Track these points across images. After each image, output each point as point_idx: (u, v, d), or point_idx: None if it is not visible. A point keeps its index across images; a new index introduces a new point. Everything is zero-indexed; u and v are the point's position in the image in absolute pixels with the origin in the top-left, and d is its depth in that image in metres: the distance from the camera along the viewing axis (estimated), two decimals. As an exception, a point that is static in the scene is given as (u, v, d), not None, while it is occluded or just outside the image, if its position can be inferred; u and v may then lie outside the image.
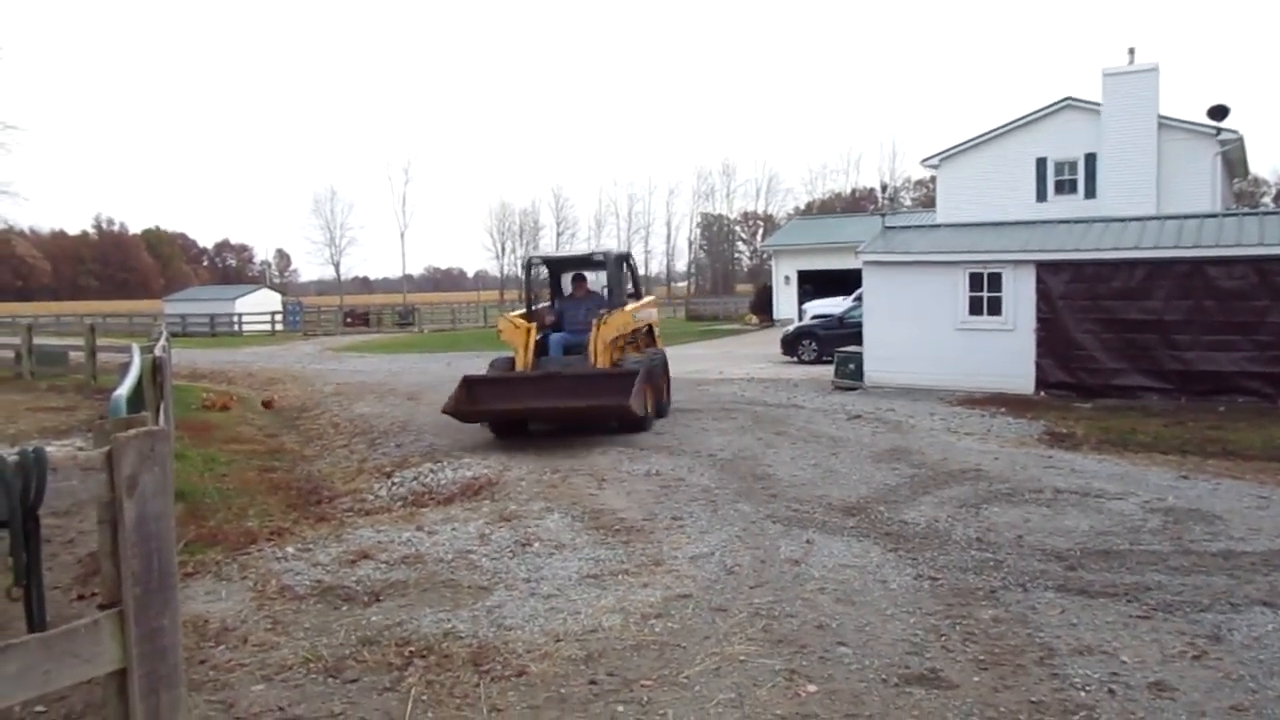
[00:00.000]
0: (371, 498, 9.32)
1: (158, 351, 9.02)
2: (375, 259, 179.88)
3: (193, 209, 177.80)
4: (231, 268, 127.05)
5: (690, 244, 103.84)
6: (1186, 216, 16.02)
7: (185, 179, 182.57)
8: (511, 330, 12.85)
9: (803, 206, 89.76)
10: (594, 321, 12.66)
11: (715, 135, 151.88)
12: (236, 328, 49.54)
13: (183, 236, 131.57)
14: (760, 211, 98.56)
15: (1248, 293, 13.85)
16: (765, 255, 55.53)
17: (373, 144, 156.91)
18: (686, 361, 24.41)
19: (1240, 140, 24.42)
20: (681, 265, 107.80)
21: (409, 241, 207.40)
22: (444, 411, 11.61)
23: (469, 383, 11.97)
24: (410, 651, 5.00)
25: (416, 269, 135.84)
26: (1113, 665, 4.62)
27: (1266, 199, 67.65)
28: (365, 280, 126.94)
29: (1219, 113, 25.07)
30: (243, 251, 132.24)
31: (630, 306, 13.81)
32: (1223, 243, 14.29)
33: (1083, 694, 4.32)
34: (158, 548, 2.54)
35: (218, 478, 9.81)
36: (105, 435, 2.62)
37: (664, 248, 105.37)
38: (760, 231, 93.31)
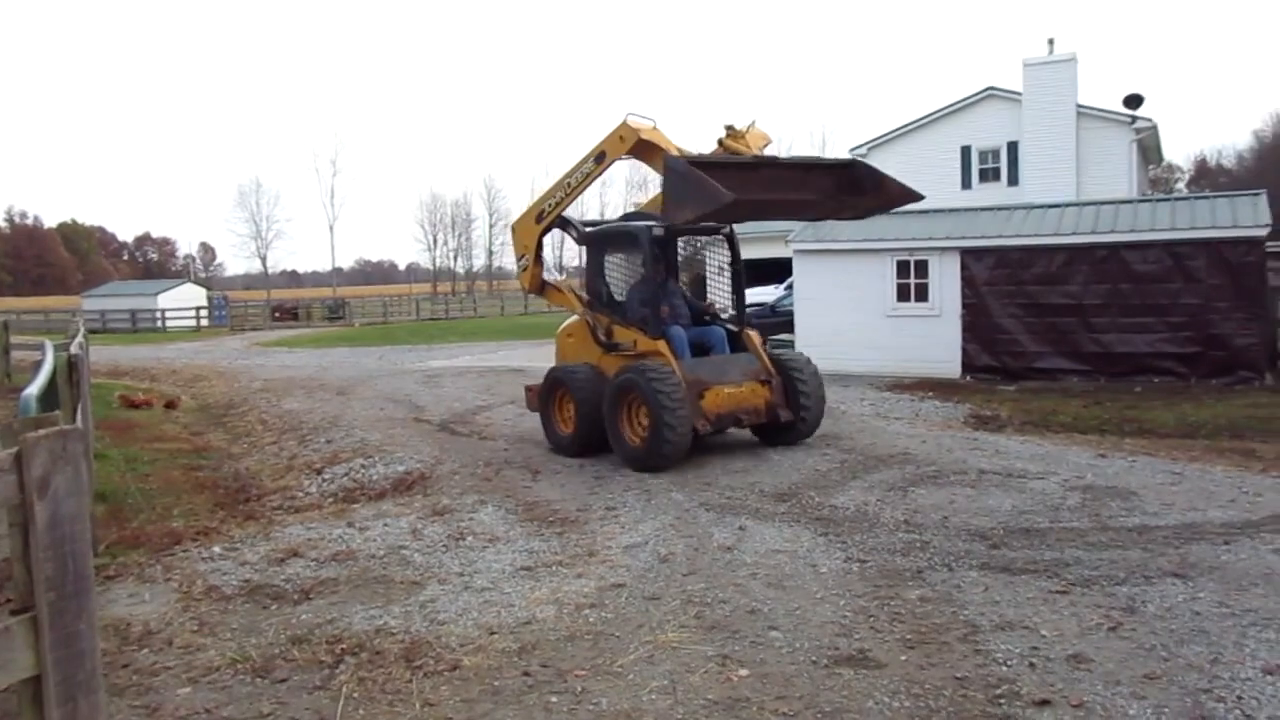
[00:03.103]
0: (301, 495, 9.18)
1: (74, 349, 8.76)
2: (304, 252, 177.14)
3: (111, 201, 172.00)
4: (153, 262, 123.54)
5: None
6: (1104, 203, 16.51)
7: (103, 170, 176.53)
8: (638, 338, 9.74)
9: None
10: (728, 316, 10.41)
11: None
12: (160, 324, 48.21)
13: (101, 230, 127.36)
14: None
15: (1162, 276, 14.33)
16: (698, 244, 55.77)
17: (299, 134, 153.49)
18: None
19: (1154, 128, 25.18)
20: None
21: (338, 234, 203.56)
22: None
23: None
24: (341, 649, 4.95)
25: (346, 262, 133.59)
26: (1033, 639, 4.76)
27: (1180, 185, 69.91)
28: (294, 274, 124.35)
29: (1134, 101, 25.87)
30: (165, 245, 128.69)
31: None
32: (1138, 228, 14.76)
33: (1004, 668, 4.44)
34: (72, 550, 2.48)
35: (141, 478, 9.58)
36: (13, 436, 2.55)
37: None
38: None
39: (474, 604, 5.61)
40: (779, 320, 20.30)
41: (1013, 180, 25.85)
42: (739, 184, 8.14)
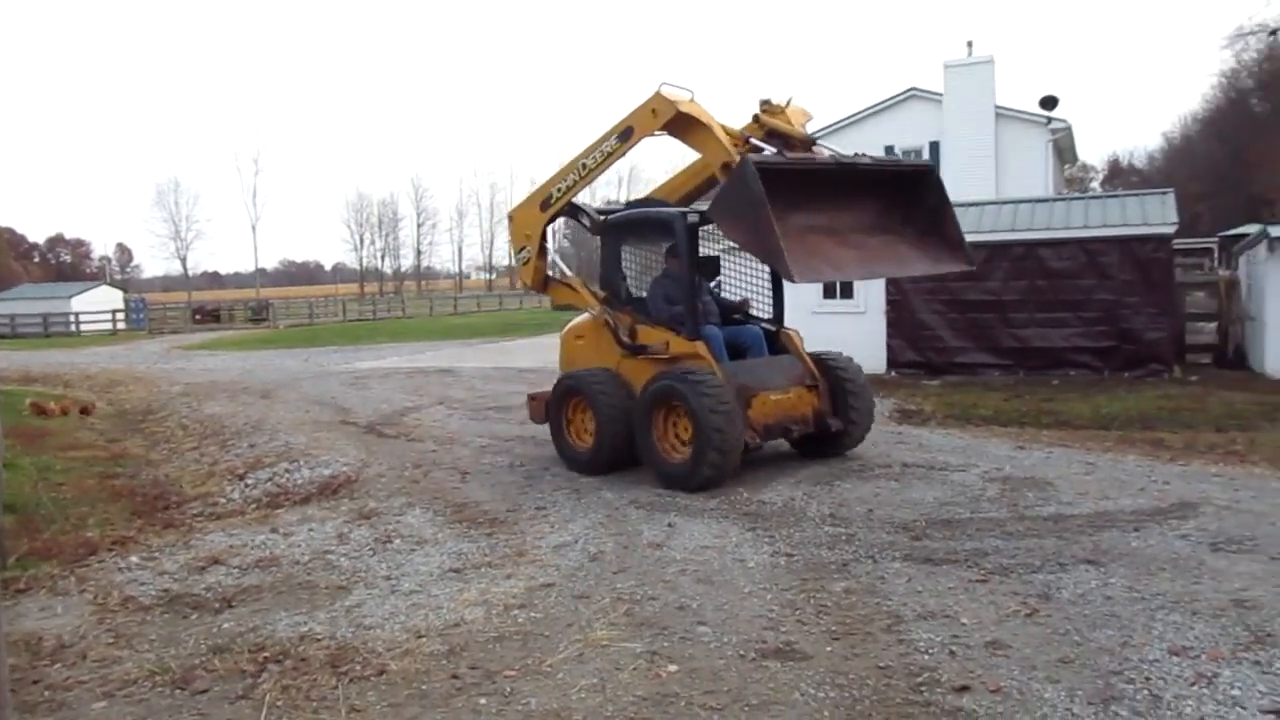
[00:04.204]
0: (223, 501, 8.98)
1: (-20, 355, 8.43)
2: (226, 253, 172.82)
3: (20, 201, 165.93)
4: (66, 264, 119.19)
5: (555, 234, 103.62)
6: (1021, 201, 16.93)
7: (10, 169, 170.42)
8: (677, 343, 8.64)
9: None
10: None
11: (576, 126, 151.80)
12: (74, 328, 46.63)
13: (10, 231, 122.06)
14: (623, 200, 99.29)
15: (1076, 273, 14.76)
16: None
17: (219, 133, 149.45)
18: (553, 351, 24.30)
19: (1069, 129, 25.94)
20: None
21: (261, 234, 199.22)
22: None
23: None
24: (264, 657, 4.85)
25: (270, 263, 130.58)
26: (953, 628, 4.88)
27: (1094, 184, 72.09)
28: (215, 275, 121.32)
29: (1049, 103, 26.64)
30: (79, 246, 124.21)
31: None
32: (1053, 226, 15.19)
33: (926, 656, 4.55)
34: (-27, 564, 2.40)
35: (53, 487, 9.26)
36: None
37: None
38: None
39: (401, 607, 5.55)
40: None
41: (935, 179, 26.34)
42: (816, 193, 7.75)
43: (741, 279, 10.19)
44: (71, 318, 47.57)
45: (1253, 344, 15.61)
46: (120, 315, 48.71)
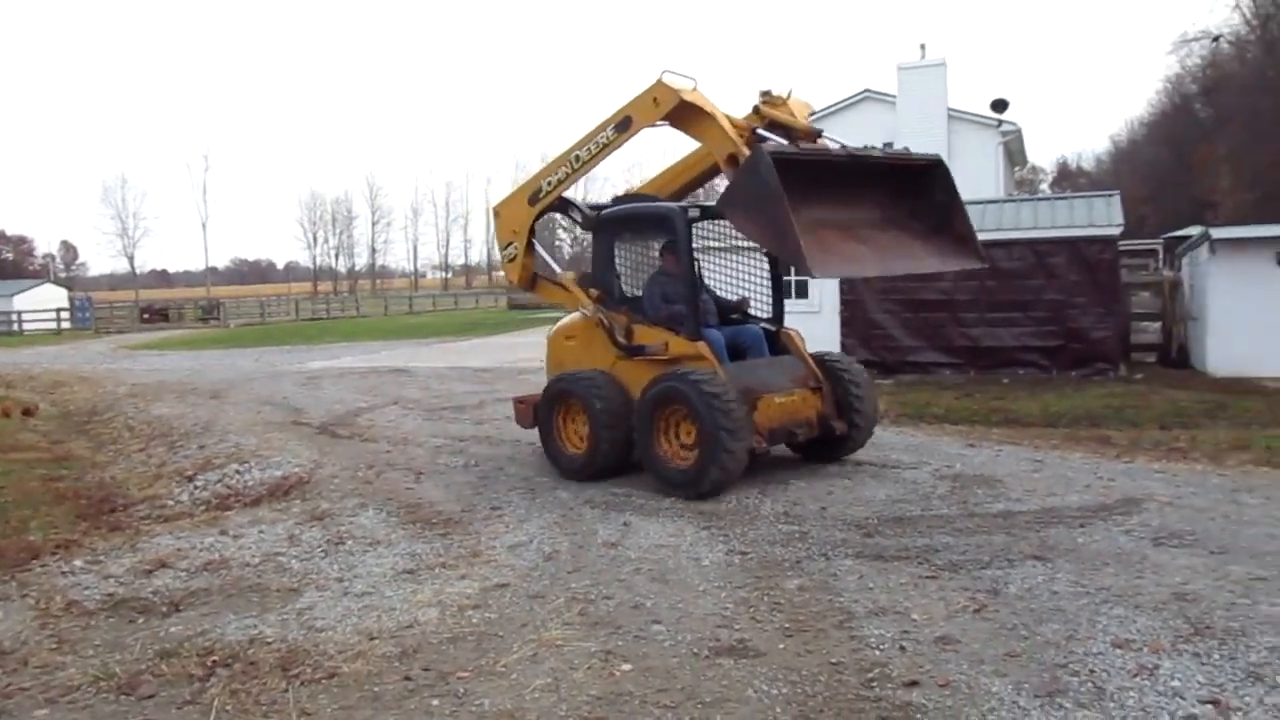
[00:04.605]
0: (171, 503, 8.83)
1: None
2: (175, 251, 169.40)
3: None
4: (8, 261, 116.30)
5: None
6: (972, 202, 17.10)
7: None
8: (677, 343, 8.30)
9: (621, 194, 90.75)
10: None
11: (532, 125, 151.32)
12: (16, 327, 45.59)
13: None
14: (580, 200, 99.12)
15: (1025, 273, 15.02)
16: (585, 243, 55.79)
17: (168, 128, 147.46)
18: (508, 350, 24.32)
19: (1019, 131, 26.36)
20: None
21: (212, 232, 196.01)
22: None
23: None
24: (213, 661, 4.78)
25: (221, 261, 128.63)
26: (904, 624, 4.94)
27: (1044, 186, 73.36)
28: (164, 273, 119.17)
29: (999, 105, 27.08)
30: (21, 244, 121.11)
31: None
32: (1004, 226, 15.45)
33: (877, 652, 4.60)
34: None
35: (-6, 490, 9.05)
36: None
37: (484, 236, 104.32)
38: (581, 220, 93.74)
39: (354, 609, 5.50)
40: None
41: (888, 180, 26.62)
42: (825, 183, 7.36)
43: (730, 277, 9.91)
44: (14, 316, 46.49)
45: (1195, 343, 15.99)
46: (65, 314, 47.70)
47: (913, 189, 8.35)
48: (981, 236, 15.01)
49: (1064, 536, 6.35)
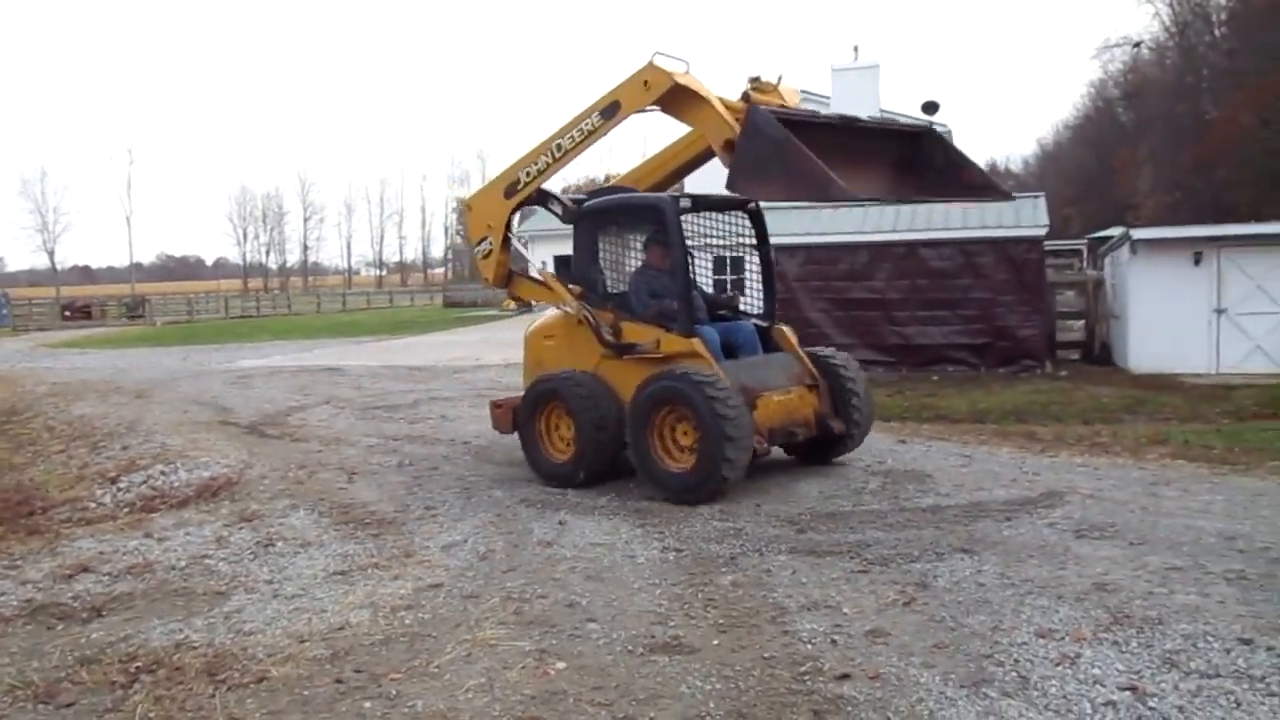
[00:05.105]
0: (94, 505, 8.58)
1: None
2: (98, 246, 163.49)
3: None
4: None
5: (446, 230, 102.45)
6: (903, 203, 17.49)
7: None
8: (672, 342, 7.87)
9: (601, 185, 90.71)
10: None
11: (467, 123, 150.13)
12: (-71, 324, 43.89)
13: None
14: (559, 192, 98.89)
15: (954, 272, 15.36)
16: (523, 241, 55.51)
17: (89, 121, 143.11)
18: (443, 349, 24.11)
19: (949, 133, 26.85)
20: (438, 252, 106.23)
21: (137, 228, 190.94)
22: None
23: None
24: (136, 667, 4.66)
25: (147, 257, 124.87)
26: (836, 618, 5.01)
27: (974, 187, 74.86)
28: (86, 269, 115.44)
29: (931, 107, 27.59)
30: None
31: None
32: (933, 226, 15.78)
33: (809, 646, 4.66)
34: None
35: (-96, 494, 8.71)
36: None
37: (420, 234, 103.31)
38: (517, 217, 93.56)
39: (283, 612, 5.40)
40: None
41: (823, 180, 26.98)
42: (826, 152, 6.85)
43: (713, 274, 9.51)
44: (-74, 314, 44.71)
45: (1117, 341, 16.49)
46: (-20, 311, 46.00)
47: (910, 163, 8.16)
48: (912, 236, 15.53)
49: (990, 530, 6.49)
